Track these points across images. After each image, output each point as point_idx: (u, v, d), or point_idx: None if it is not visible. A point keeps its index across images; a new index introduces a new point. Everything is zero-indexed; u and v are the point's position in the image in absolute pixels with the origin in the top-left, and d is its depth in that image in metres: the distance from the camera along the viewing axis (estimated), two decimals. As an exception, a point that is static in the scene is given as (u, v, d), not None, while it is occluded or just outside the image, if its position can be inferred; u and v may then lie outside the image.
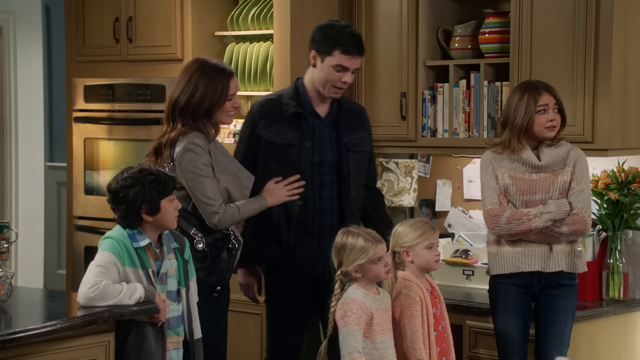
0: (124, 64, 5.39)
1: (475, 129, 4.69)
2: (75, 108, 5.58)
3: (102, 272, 3.41)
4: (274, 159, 3.99)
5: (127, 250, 3.48)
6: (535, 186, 3.94)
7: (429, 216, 5.07)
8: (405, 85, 4.85)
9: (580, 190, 3.92)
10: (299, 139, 3.99)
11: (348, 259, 3.63)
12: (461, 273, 4.66)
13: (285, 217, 4.00)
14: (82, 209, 5.58)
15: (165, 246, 3.59)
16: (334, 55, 3.94)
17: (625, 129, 4.41)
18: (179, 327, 3.59)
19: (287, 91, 4.08)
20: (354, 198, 4.09)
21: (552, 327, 3.95)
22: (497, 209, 3.94)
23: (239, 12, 5.15)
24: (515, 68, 4.50)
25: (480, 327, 4.30)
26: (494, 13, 4.70)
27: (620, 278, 4.43)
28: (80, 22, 5.56)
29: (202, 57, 4.01)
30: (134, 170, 3.52)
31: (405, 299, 3.73)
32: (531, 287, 3.97)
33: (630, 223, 4.41)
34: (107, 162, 5.51)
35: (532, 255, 3.94)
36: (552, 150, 3.96)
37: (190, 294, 3.63)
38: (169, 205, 3.53)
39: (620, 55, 4.34)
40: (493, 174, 3.98)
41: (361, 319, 3.59)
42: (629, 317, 4.43)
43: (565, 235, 3.91)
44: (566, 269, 3.95)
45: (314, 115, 4.04)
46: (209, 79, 3.87)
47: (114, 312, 3.39)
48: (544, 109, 3.93)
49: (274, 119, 4.00)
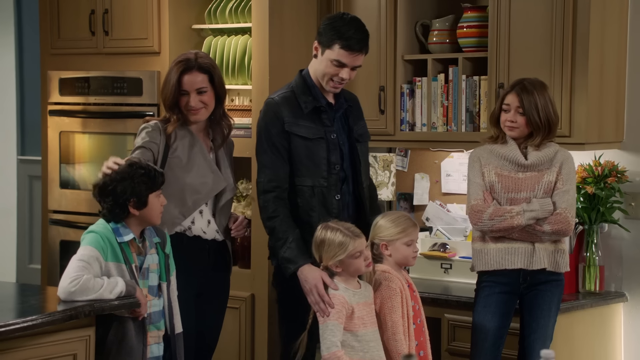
0: (100, 57, 5.37)
1: (454, 123, 4.72)
2: (50, 101, 5.56)
3: (83, 267, 3.43)
4: (306, 156, 3.90)
5: (111, 245, 3.50)
6: (520, 184, 3.99)
7: (407, 210, 5.09)
8: (383, 79, 4.87)
9: (565, 191, 3.97)
10: (323, 132, 3.93)
11: (328, 254, 3.66)
12: (439, 266, 4.71)
13: (325, 210, 3.90)
14: (57, 202, 5.57)
15: (147, 241, 3.61)
16: (334, 49, 3.84)
17: (602, 123, 4.47)
18: (159, 321, 3.62)
19: (297, 86, 3.95)
20: (366, 189, 4.06)
21: (535, 321, 4.01)
22: (481, 205, 3.99)
23: (216, 4, 5.12)
24: (493, 62, 4.55)
25: (459, 320, 4.35)
26: (472, 7, 4.74)
27: (596, 271, 4.50)
28: (55, 14, 5.54)
29: (193, 51, 4.05)
30: (124, 165, 3.54)
31: (386, 290, 3.76)
32: (517, 285, 4.02)
33: (606, 216, 4.47)
34: (82, 156, 5.50)
35: (515, 252, 3.98)
36: (540, 151, 4.00)
37: (170, 288, 3.65)
38: (155, 200, 3.56)
39: (597, 50, 4.39)
40: (479, 171, 4.03)
41: (341, 314, 3.63)
42: (605, 309, 4.50)
43: (548, 235, 3.96)
44: (548, 268, 3.99)
45: (330, 107, 3.99)
46: (168, 72, 3.99)
47: (94, 307, 3.40)
48: (506, 108, 4.00)
49: (297, 115, 3.90)
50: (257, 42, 4.88)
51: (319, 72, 3.92)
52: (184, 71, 3.92)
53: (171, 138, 3.89)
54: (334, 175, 3.94)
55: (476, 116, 4.69)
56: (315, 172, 3.91)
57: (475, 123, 4.69)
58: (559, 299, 4.06)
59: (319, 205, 3.91)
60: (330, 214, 3.88)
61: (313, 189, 3.91)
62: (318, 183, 3.92)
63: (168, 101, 3.93)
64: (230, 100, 5.11)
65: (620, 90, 4.57)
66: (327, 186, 3.93)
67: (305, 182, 3.92)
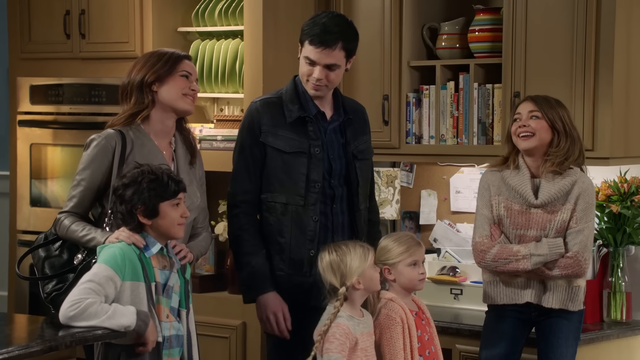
0: (76, 62, 5.35)
1: (464, 135, 4.70)
2: (20, 110, 5.54)
3: (90, 290, 3.35)
4: (282, 171, 3.86)
5: (131, 262, 3.42)
6: (530, 221, 3.91)
7: (412, 230, 5.08)
8: (387, 87, 4.85)
9: (579, 231, 3.87)
10: (307, 146, 3.88)
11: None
12: (449, 292, 4.67)
13: (300, 233, 3.87)
14: (26, 222, 5.55)
15: (173, 258, 3.56)
16: (305, 46, 3.86)
17: (628, 136, 4.44)
18: (178, 347, 3.55)
19: (287, 91, 3.94)
20: (363, 212, 4.00)
21: (552, 351, 3.93)
22: (486, 244, 3.93)
23: (205, 5, 5.13)
24: (508, 69, 4.53)
25: (472, 351, 4.28)
26: (484, 9, 4.73)
27: (622, 298, 4.45)
28: (25, 15, 5.53)
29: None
30: (137, 169, 3.50)
31: (385, 319, 3.71)
32: (528, 313, 3.97)
33: (633, 238, 4.43)
34: (55, 171, 5.48)
35: (525, 286, 3.93)
36: (554, 184, 3.87)
37: (189, 317, 3.60)
38: (170, 210, 3.48)
39: (623, 56, 4.37)
40: (488, 202, 3.96)
41: (344, 346, 3.57)
42: (632, 340, 4.44)
43: (557, 278, 3.89)
44: (561, 307, 3.91)
45: (320, 117, 3.94)
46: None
47: (76, 337, 3.30)
48: (518, 117, 3.93)
49: (278, 124, 3.88)
50: (249, 46, 4.86)
51: (300, 74, 3.91)
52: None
53: (127, 148, 3.73)
54: (314, 194, 3.87)
55: (489, 128, 4.66)
56: (290, 188, 3.86)
57: (488, 135, 4.67)
58: (577, 326, 3.99)
59: (292, 225, 3.86)
60: (304, 236, 3.84)
61: (286, 206, 3.86)
62: (293, 201, 3.86)
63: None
64: (220, 110, 5.15)
65: (648, 100, 4.55)
66: (303, 205, 3.86)
67: (277, 198, 3.87)
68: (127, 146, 3.70)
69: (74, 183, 3.71)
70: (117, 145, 3.68)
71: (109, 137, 3.69)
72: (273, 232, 3.87)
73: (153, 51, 3.84)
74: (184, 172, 3.79)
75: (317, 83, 3.84)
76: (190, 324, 3.59)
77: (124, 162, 3.67)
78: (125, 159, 3.67)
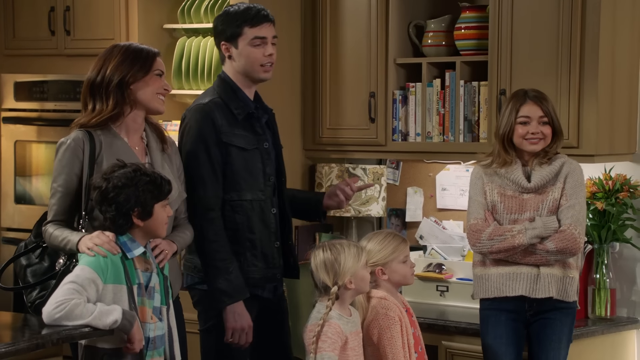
0: (60, 59, 5.33)
1: (451, 133, 4.72)
2: (4, 107, 5.52)
3: (74, 290, 3.34)
4: (244, 169, 3.93)
5: (113, 264, 3.41)
6: (524, 205, 3.98)
7: (398, 227, 5.09)
8: (374, 84, 4.86)
9: (570, 206, 3.94)
10: (257, 141, 3.97)
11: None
12: (434, 289, 4.69)
13: (264, 227, 3.96)
14: (10, 219, 5.53)
15: (151, 259, 3.55)
16: (246, 33, 3.91)
17: (613, 134, 4.46)
18: (162, 347, 3.54)
19: (221, 91, 3.95)
20: (287, 202, 4.11)
21: (544, 354, 3.98)
22: (480, 224, 3.97)
23: (190, 2, 5.11)
24: (494, 66, 4.54)
25: (458, 347, 4.32)
26: (470, 7, 4.74)
27: (607, 294, 4.47)
28: (9, 11, 5.51)
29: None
30: (128, 169, 3.47)
31: (384, 319, 3.74)
32: (522, 312, 3.99)
33: (617, 235, 4.46)
34: (40, 168, 5.46)
35: (517, 278, 3.95)
36: (544, 168, 3.98)
37: (170, 313, 3.59)
38: (161, 210, 3.50)
39: (608, 53, 4.39)
40: (482, 189, 4.02)
41: (336, 344, 3.60)
42: (616, 336, 4.47)
43: (553, 254, 3.92)
44: (556, 296, 3.95)
45: (261, 112, 4.02)
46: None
47: (62, 334, 3.31)
48: (526, 120, 3.97)
49: (232, 124, 3.93)
50: (235, 43, 4.84)
51: (247, 66, 3.94)
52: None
53: (96, 149, 3.70)
54: (269, 187, 3.99)
55: (475, 125, 4.68)
56: (253, 185, 3.95)
57: (474, 132, 4.68)
58: (570, 329, 4.04)
59: (258, 221, 3.95)
60: (269, 229, 3.94)
61: (252, 202, 3.95)
62: (257, 197, 3.96)
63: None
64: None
65: (633, 97, 4.57)
66: (264, 199, 3.97)
67: (244, 196, 3.94)
68: (96, 147, 3.66)
69: (52, 192, 3.67)
70: (86, 147, 3.64)
71: (77, 139, 3.64)
72: (243, 230, 3.92)
73: (124, 46, 3.74)
74: (158, 165, 3.75)
75: (272, 59, 3.93)
76: (170, 319, 3.57)
77: (94, 163, 3.64)
78: (95, 160, 3.64)
